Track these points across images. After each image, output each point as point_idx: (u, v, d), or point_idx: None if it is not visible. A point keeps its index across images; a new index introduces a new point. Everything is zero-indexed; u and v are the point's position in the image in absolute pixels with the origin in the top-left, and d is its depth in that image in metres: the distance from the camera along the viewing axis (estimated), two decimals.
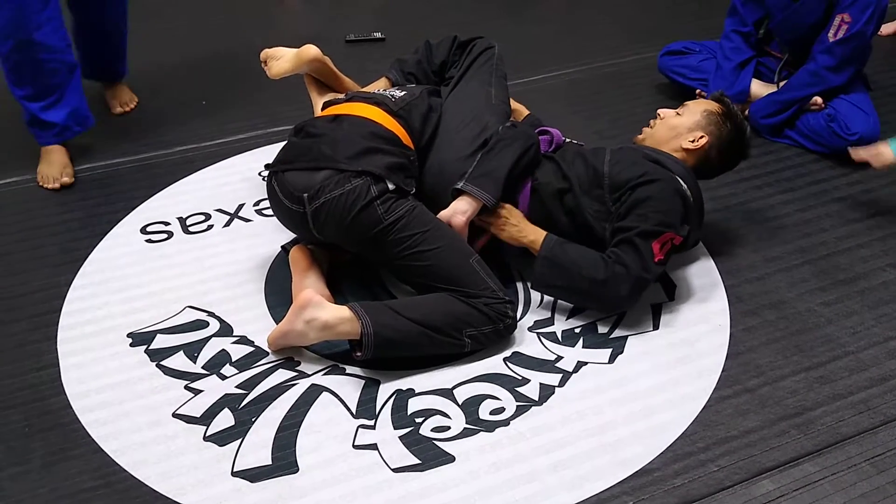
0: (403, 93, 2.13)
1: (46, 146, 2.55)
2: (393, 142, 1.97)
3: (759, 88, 2.84)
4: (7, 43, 2.34)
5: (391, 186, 1.88)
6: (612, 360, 1.90)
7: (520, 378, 1.85)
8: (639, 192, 1.95)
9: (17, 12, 2.28)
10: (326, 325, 1.80)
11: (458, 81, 2.25)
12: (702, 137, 2.10)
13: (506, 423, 1.74)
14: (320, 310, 1.80)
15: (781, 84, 2.81)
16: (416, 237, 1.88)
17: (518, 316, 2.00)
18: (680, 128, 2.13)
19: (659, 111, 2.20)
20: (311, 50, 2.36)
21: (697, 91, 2.95)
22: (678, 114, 2.16)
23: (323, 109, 2.18)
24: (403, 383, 1.82)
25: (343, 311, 1.81)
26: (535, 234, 2.00)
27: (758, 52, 2.88)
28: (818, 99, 2.69)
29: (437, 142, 2.10)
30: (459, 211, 1.96)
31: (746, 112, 2.85)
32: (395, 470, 1.64)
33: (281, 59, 2.40)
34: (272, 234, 2.25)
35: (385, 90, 2.19)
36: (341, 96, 2.25)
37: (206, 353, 1.90)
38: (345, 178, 1.87)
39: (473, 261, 1.91)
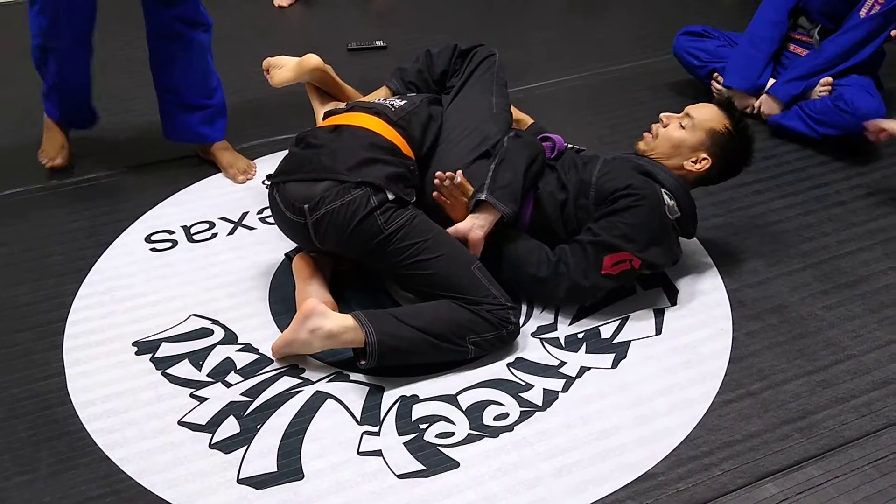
0: (403, 102, 2.14)
1: (50, 119, 2.66)
2: (392, 152, 1.98)
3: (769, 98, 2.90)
4: (37, 39, 2.46)
5: (391, 196, 1.89)
6: (615, 364, 1.91)
7: (523, 383, 1.85)
8: (619, 203, 1.96)
9: (53, 22, 2.38)
10: (330, 333, 1.81)
11: (460, 90, 2.26)
12: (704, 159, 2.07)
13: (510, 428, 1.75)
14: (324, 319, 1.81)
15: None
16: (417, 246, 1.89)
17: (521, 322, 2.01)
18: (683, 146, 2.08)
19: (662, 116, 2.16)
20: (312, 59, 2.38)
21: (714, 75, 2.98)
22: (682, 126, 2.10)
23: (324, 119, 2.19)
24: (407, 390, 1.83)
25: (347, 320, 1.82)
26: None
27: (783, 44, 2.95)
28: (829, 79, 2.75)
29: (439, 151, 2.11)
30: (478, 225, 1.95)
31: (757, 103, 2.90)
32: (400, 476, 1.64)
33: (283, 68, 2.43)
34: (276, 242, 2.26)
35: (385, 99, 2.20)
36: (342, 106, 2.26)
37: (212, 361, 1.91)
38: (344, 188, 1.88)
39: (475, 268, 1.91)
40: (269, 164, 2.61)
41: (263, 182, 2.56)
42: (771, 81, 2.90)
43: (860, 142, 2.69)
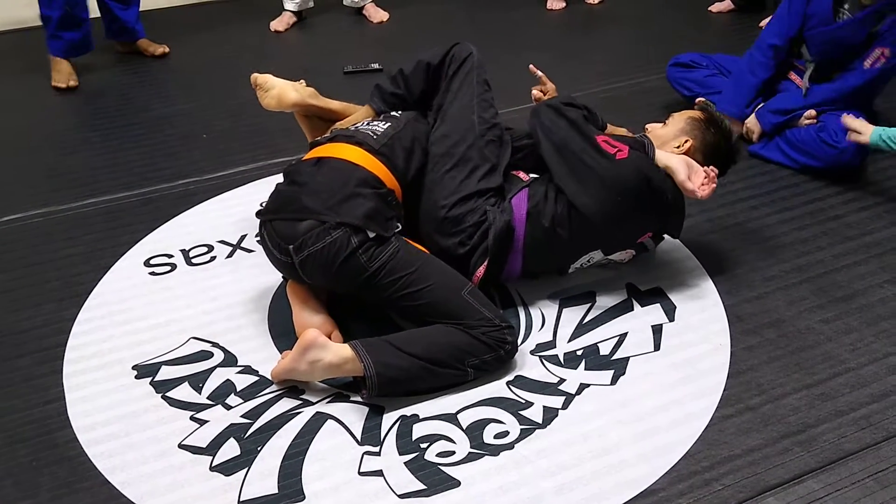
0: (387, 125, 2.11)
1: (55, 58, 3.44)
2: (373, 185, 1.95)
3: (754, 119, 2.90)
4: None
5: (371, 235, 1.88)
6: (614, 381, 1.91)
7: (523, 401, 1.86)
8: None
9: None
10: (330, 365, 1.82)
11: (441, 110, 2.18)
12: (686, 142, 2.15)
13: (510, 446, 1.75)
14: (324, 351, 1.82)
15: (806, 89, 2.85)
16: (404, 279, 1.89)
17: (519, 340, 2.01)
18: (665, 136, 2.18)
19: (646, 126, 2.25)
20: (290, 97, 2.31)
21: (697, 101, 2.98)
22: (664, 124, 2.22)
23: (309, 149, 2.15)
24: (408, 409, 1.83)
25: (346, 351, 1.82)
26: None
27: (782, 70, 2.93)
28: (812, 112, 2.74)
29: (427, 181, 2.08)
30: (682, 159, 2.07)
31: (743, 130, 2.90)
32: (402, 496, 1.64)
33: (268, 94, 2.35)
34: None
35: (369, 123, 2.15)
36: (328, 134, 2.20)
37: (211, 384, 1.91)
38: (324, 230, 1.87)
39: (465, 293, 1.91)
40: (266, 185, 2.63)
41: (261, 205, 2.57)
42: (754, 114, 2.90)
43: (839, 175, 2.68)
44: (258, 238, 2.39)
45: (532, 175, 2.19)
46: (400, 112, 2.22)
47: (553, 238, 2.06)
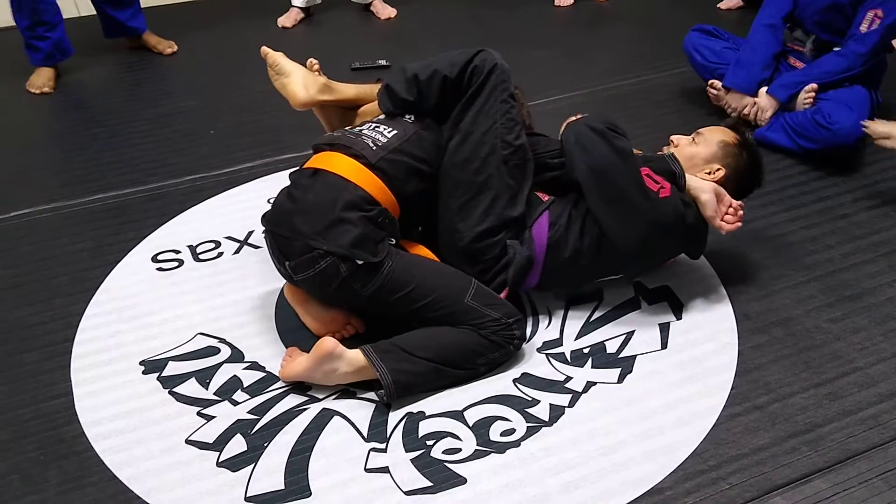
0: (392, 133, 2.00)
1: (36, 66, 3.41)
2: (361, 206, 1.86)
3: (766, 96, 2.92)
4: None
5: (360, 262, 1.85)
6: (621, 379, 1.91)
7: (529, 399, 1.86)
8: None
9: None
10: (346, 374, 1.84)
11: (460, 127, 2.00)
12: (719, 170, 2.12)
13: (516, 444, 1.75)
14: (339, 361, 1.83)
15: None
16: (405, 298, 1.87)
17: (527, 333, 2.01)
18: (696, 158, 2.14)
19: (672, 138, 2.21)
20: (298, 98, 2.23)
21: (710, 82, 3.03)
22: (694, 141, 2.17)
23: (313, 151, 2.06)
24: (414, 406, 1.84)
25: (360, 359, 1.83)
26: None
27: (782, 55, 3.01)
28: (814, 85, 2.80)
29: (447, 206, 2.00)
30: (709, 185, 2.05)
31: (753, 109, 2.94)
32: (408, 493, 1.64)
33: (278, 80, 2.29)
34: None
35: (374, 127, 2.03)
36: (335, 132, 2.12)
37: (218, 380, 1.92)
38: (313, 258, 1.85)
39: (469, 298, 1.89)
40: (274, 182, 2.63)
41: (269, 201, 2.58)
42: (763, 90, 2.92)
43: (839, 155, 2.71)
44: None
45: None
46: (411, 117, 2.06)
47: (573, 266, 2.03)
